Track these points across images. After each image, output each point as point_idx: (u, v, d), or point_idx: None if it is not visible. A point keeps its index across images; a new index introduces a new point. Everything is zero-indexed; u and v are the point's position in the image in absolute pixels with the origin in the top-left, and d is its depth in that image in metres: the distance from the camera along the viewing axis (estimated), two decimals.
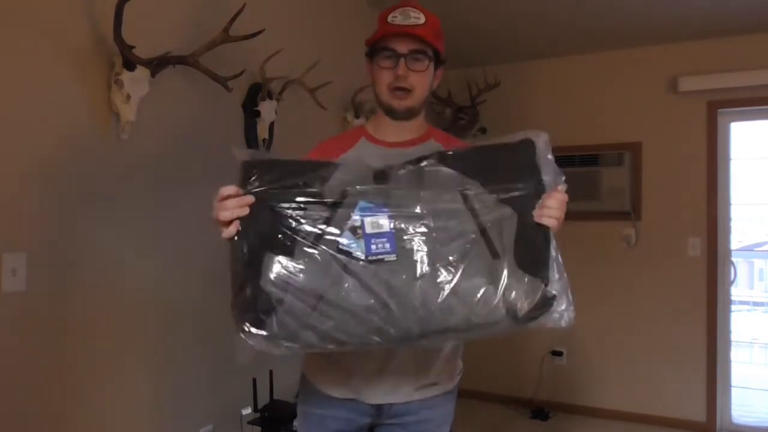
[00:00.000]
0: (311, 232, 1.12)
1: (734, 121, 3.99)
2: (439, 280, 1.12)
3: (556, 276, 1.24)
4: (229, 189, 1.16)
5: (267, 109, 2.76)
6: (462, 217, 1.15)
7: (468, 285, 1.12)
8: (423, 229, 1.13)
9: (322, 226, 1.12)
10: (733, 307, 4.07)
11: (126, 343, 2.20)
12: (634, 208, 4.12)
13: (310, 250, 1.11)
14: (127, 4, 1.93)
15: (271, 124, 2.80)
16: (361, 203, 1.13)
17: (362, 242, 1.11)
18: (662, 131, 4.10)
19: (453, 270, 1.12)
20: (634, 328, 4.14)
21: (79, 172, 2.04)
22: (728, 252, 3.99)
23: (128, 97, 2.08)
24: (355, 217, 1.12)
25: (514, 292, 1.16)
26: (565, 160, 4.22)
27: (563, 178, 1.25)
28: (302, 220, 1.13)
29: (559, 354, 4.37)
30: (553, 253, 1.25)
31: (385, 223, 1.13)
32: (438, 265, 1.12)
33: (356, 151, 1.46)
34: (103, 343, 2.12)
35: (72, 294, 2.02)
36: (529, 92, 4.51)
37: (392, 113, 1.44)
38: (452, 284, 1.12)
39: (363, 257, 1.11)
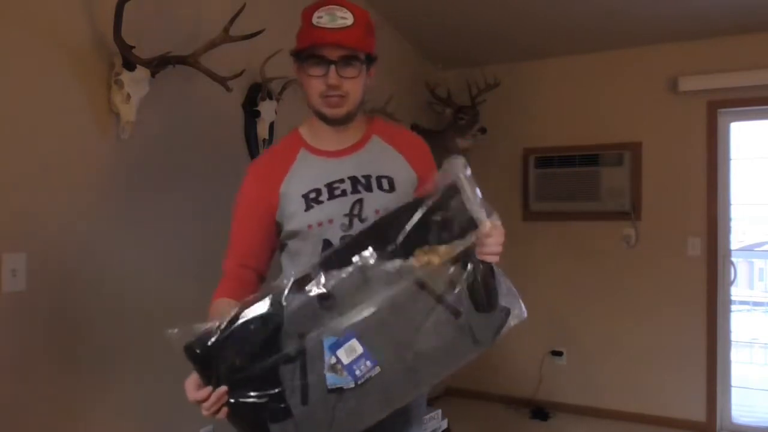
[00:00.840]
0: (295, 392, 1.15)
1: (734, 121, 3.99)
2: (421, 359, 1.18)
3: (505, 291, 1.29)
4: (199, 395, 1.17)
5: (267, 109, 2.76)
6: (418, 297, 1.18)
7: (443, 347, 1.20)
8: (390, 330, 1.17)
9: (300, 380, 1.15)
10: (733, 307, 4.07)
11: (126, 342, 2.20)
12: (634, 208, 4.12)
13: (303, 407, 1.15)
14: (127, 4, 1.93)
15: (271, 124, 2.81)
16: (326, 341, 1.15)
17: (345, 374, 1.15)
18: (662, 131, 4.10)
19: (428, 344, 1.18)
20: (634, 328, 4.14)
21: (79, 172, 2.04)
22: (728, 252, 3.99)
23: (128, 97, 2.08)
24: (329, 357, 1.15)
25: (481, 333, 1.23)
26: (565, 160, 4.22)
27: (493, 212, 1.28)
28: (281, 388, 1.15)
29: (559, 354, 4.37)
30: (500, 280, 1.27)
31: (357, 346, 1.15)
32: (412, 347, 1.17)
33: (298, 168, 1.39)
34: (103, 342, 2.12)
35: (72, 294, 2.02)
36: (529, 92, 4.50)
37: (327, 121, 1.38)
38: (429, 358, 1.19)
39: (353, 385, 1.15)
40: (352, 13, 1.32)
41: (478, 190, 1.25)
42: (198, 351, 1.17)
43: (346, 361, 1.14)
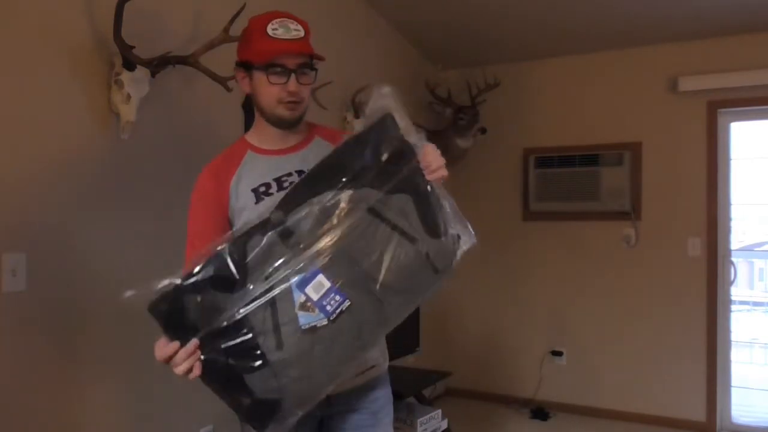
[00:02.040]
0: (268, 336, 1.15)
1: (734, 121, 3.99)
2: (387, 290, 1.19)
3: (450, 215, 1.27)
4: (167, 350, 1.19)
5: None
6: (375, 227, 1.20)
7: (406, 275, 1.21)
8: (353, 261, 1.18)
9: (272, 324, 1.15)
10: (733, 307, 4.07)
11: (126, 342, 2.20)
12: (634, 208, 4.12)
13: (279, 351, 1.15)
14: (127, 4, 1.93)
15: None
16: (293, 281, 1.15)
17: (317, 310, 1.15)
18: (662, 131, 4.10)
19: (392, 273, 1.19)
20: (634, 328, 4.14)
21: (79, 172, 2.04)
22: (728, 252, 3.99)
23: (128, 97, 2.08)
24: (298, 296, 1.15)
25: (440, 261, 1.24)
26: (565, 160, 4.23)
27: (422, 132, 1.28)
28: (253, 334, 1.15)
29: (559, 354, 4.37)
30: (444, 203, 1.27)
31: (324, 281, 1.16)
32: (378, 277, 1.18)
33: (246, 166, 1.47)
34: (103, 342, 2.12)
35: (72, 294, 2.02)
36: (529, 92, 4.51)
37: (282, 123, 1.46)
38: (394, 288, 1.20)
39: (326, 321, 1.15)
40: (300, 24, 1.44)
41: (406, 116, 1.26)
42: (163, 308, 1.19)
43: (315, 297, 1.14)
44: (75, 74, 2.01)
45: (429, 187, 1.23)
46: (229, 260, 1.16)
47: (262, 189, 1.45)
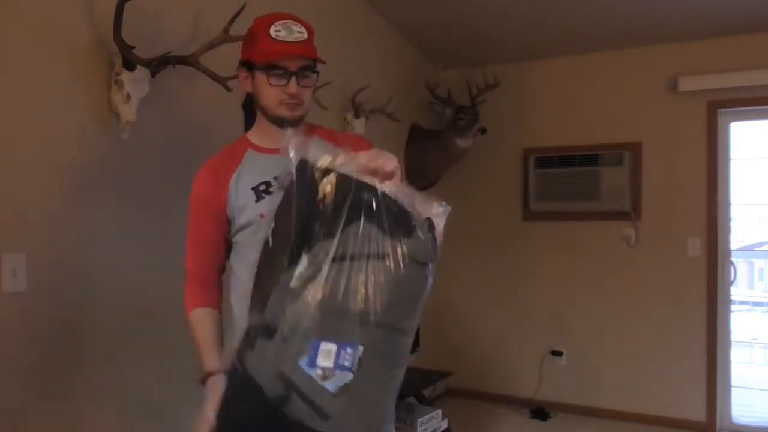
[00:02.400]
0: (312, 416, 1.15)
1: (734, 121, 3.99)
2: (384, 312, 1.18)
3: (410, 204, 1.23)
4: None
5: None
6: (343, 271, 1.17)
7: (393, 289, 1.19)
8: (342, 314, 1.17)
9: (309, 406, 1.15)
10: (733, 307, 4.07)
11: (126, 343, 2.20)
12: (634, 208, 4.12)
13: (327, 422, 1.16)
14: (127, 4, 1.93)
15: None
16: (301, 364, 1.15)
17: (338, 371, 1.14)
18: (662, 131, 4.10)
19: (380, 296, 1.18)
20: (634, 328, 4.14)
21: (79, 172, 2.04)
22: (728, 252, 3.99)
23: (128, 97, 2.08)
24: (314, 372, 1.14)
25: (421, 255, 1.21)
26: (565, 160, 4.23)
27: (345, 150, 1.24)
28: (299, 420, 1.16)
29: (559, 354, 4.37)
30: (398, 199, 1.21)
31: (327, 347, 1.15)
32: (370, 308, 1.17)
33: (246, 165, 1.50)
34: (104, 342, 2.12)
35: (72, 294, 2.02)
36: (529, 92, 4.51)
37: (282, 123, 1.47)
38: (392, 307, 1.20)
39: (353, 374, 1.15)
40: (304, 26, 1.44)
41: (314, 141, 1.22)
42: None
43: (330, 364, 1.14)
44: (75, 74, 2.01)
45: (378, 195, 1.18)
46: (240, 394, 1.19)
47: (262, 187, 1.46)
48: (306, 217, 1.18)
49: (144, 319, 2.26)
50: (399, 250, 1.19)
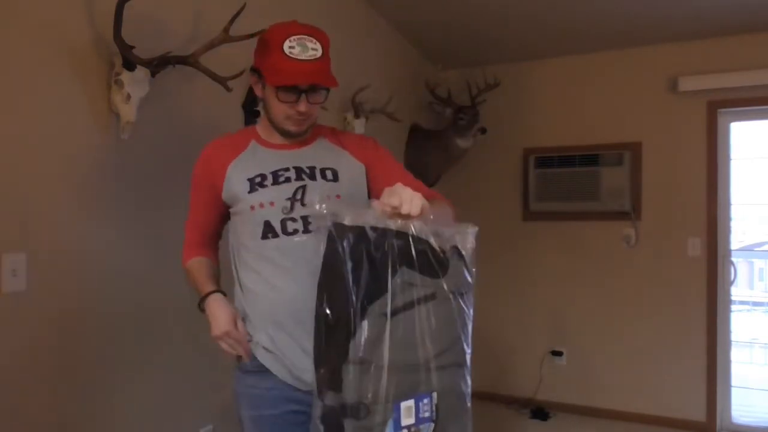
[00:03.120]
0: None
1: (734, 121, 3.99)
2: (447, 351, 1.24)
3: (438, 237, 1.26)
4: (231, 328, 1.45)
5: (261, 108, 2.76)
6: (401, 322, 1.21)
7: (449, 327, 1.26)
8: (413, 367, 1.21)
9: None
10: (733, 307, 4.07)
11: (126, 343, 2.20)
12: (634, 208, 4.12)
13: None
14: (127, 4, 1.93)
15: None
16: (389, 429, 1.18)
17: (422, 426, 1.19)
18: (662, 131, 4.10)
19: (438, 337, 1.23)
20: (634, 329, 4.14)
21: (79, 172, 2.04)
22: (728, 252, 3.99)
23: (128, 97, 2.07)
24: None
25: (456, 285, 1.25)
26: (565, 160, 4.23)
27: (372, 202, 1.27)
28: None
29: (559, 354, 4.37)
30: (427, 237, 1.24)
31: (407, 404, 1.19)
32: (433, 353, 1.22)
33: (247, 155, 1.52)
34: (104, 342, 2.12)
35: (72, 294, 2.01)
36: (529, 92, 4.51)
37: (287, 135, 1.51)
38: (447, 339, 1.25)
39: (434, 423, 1.20)
40: (320, 42, 1.42)
41: (346, 208, 1.25)
42: None
43: (413, 420, 1.18)
44: (75, 74, 2.01)
45: (410, 240, 1.20)
46: None
47: (258, 180, 1.48)
48: (357, 282, 1.18)
49: (144, 318, 2.26)
50: (443, 286, 1.22)
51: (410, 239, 1.19)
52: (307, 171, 1.48)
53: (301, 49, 1.39)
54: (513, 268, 4.53)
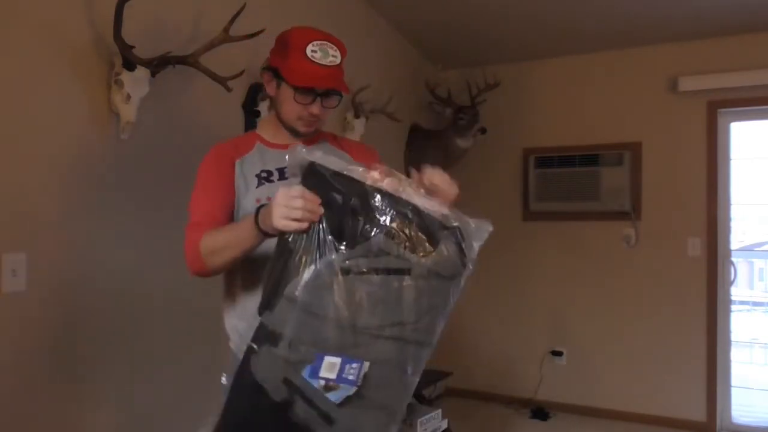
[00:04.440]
0: (318, 420, 1.17)
1: (734, 121, 3.99)
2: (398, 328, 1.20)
3: (441, 216, 1.24)
4: (307, 195, 1.18)
5: (267, 109, 2.76)
6: (354, 284, 1.18)
7: (421, 310, 1.23)
8: (350, 328, 1.17)
9: (314, 411, 1.17)
10: (733, 307, 4.07)
11: (125, 343, 2.20)
12: (634, 208, 4.12)
13: (333, 426, 1.17)
14: (127, 4, 1.93)
15: None
16: (304, 374, 1.16)
17: (341, 385, 1.15)
18: (662, 131, 4.10)
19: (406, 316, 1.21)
20: (634, 328, 4.14)
21: (79, 172, 2.04)
22: (728, 252, 3.99)
23: (128, 97, 2.08)
24: (317, 383, 1.15)
25: (443, 267, 1.23)
26: (565, 160, 4.22)
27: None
28: (306, 424, 1.18)
29: (559, 354, 4.37)
30: (423, 207, 1.23)
31: (332, 359, 1.16)
32: (372, 324, 1.18)
33: (254, 155, 1.53)
34: (104, 342, 2.12)
35: (72, 294, 2.02)
36: (529, 92, 4.51)
37: (298, 135, 1.52)
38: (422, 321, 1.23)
39: (356, 387, 1.15)
40: (339, 50, 1.48)
41: (334, 159, 1.22)
42: None
43: (333, 376, 1.14)
44: (75, 74, 2.01)
45: (408, 210, 1.17)
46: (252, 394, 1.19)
47: (264, 175, 1.50)
48: (336, 223, 1.16)
49: (144, 318, 2.26)
50: (421, 264, 1.18)
51: (408, 210, 1.18)
52: None
53: (322, 54, 1.44)
54: (513, 268, 4.53)
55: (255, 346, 1.19)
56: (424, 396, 3.59)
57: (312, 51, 1.43)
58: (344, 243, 1.16)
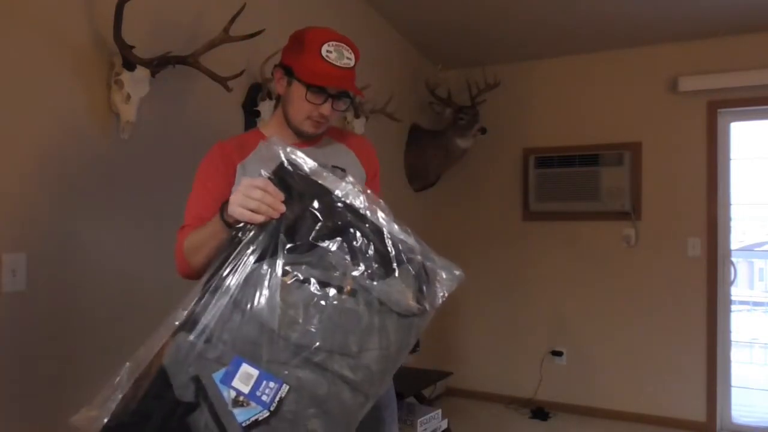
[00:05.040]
0: None
1: (734, 121, 3.99)
2: (330, 356, 1.08)
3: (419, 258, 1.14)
4: (267, 186, 1.14)
5: (267, 109, 2.76)
6: (291, 290, 1.09)
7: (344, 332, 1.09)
8: (278, 339, 1.06)
9: (218, 428, 1.03)
10: (733, 307, 4.07)
11: (125, 343, 2.20)
12: (634, 208, 4.12)
13: None
14: (127, 4, 1.93)
15: None
16: (215, 376, 1.04)
17: (253, 403, 1.03)
18: (662, 131, 4.10)
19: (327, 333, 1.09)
20: (634, 329, 4.14)
21: (79, 172, 2.04)
22: (728, 252, 3.99)
23: (128, 97, 2.08)
24: (226, 393, 1.03)
25: (394, 302, 1.10)
26: (565, 160, 4.22)
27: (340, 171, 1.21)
28: None
29: (559, 354, 4.37)
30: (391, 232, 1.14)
31: (250, 369, 1.04)
32: (311, 344, 1.07)
33: (257, 155, 1.45)
34: (104, 342, 2.12)
35: (72, 294, 2.02)
36: (529, 92, 4.51)
37: (303, 136, 1.51)
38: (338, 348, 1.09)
39: (268, 413, 1.03)
40: (354, 54, 1.46)
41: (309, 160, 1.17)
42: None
43: (246, 390, 1.02)
44: (75, 74, 2.01)
45: (367, 231, 1.09)
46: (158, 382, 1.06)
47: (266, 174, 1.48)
48: (292, 224, 1.10)
49: (144, 319, 2.26)
50: (367, 288, 1.07)
51: (367, 231, 1.10)
52: None
53: (337, 55, 1.42)
54: (513, 268, 4.53)
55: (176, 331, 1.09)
56: (424, 396, 3.59)
57: (327, 51, 1.42)
58: (296, 245, 1.08)
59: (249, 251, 1.08)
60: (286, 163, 1.15)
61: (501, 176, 4.58)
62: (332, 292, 1.07)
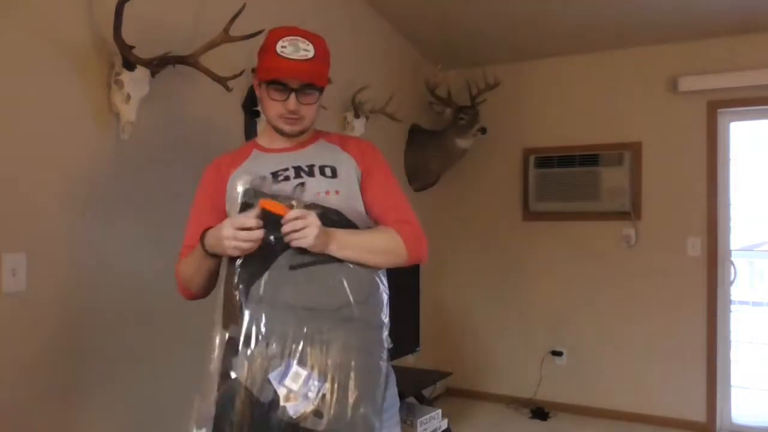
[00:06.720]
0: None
1: (734, 121, 3.99)
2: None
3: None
4: (250, 222, 1.32)
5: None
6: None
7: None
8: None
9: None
10: (733, 307, 4.07)
11: (125, 343, 2.20)
12: (634, 208, 4.12)
13: None
14: (127, 4, 1.93)
15: None
16: (272, 375, 1.28)
17: (300, 399, 1.27)
18: (662, 131, 4.10)
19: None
20: (634, 328, 4.14)
21: (79, 172, 2.04)
22: (728, 252, 3.99)
23: (128, 97, 2.08)
24: (281, 390, 1.27)
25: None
26: (565, 160, 4.23)
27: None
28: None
29: (559, 354, 4.37)
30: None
31: (299, 370, 1.26)
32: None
33: (249, 163, 1.55)
34: (104, 342, 2.12)
35: (72, 294, 2.02)
36: (529, 92, 4.51)
37: (284, 134, 1.52)
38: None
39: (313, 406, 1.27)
40: (313, 45, 1.45)
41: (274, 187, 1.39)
42: None
43: (296, 388, 1.24)
44: (75, 74, 2.01)
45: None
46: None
47: (257, 182, 1.49)
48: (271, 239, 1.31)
49: (144, 319, 2.26)
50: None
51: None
52: (306, 169, 1.51)
53: (293, 48, 1.43)
54: (513, 268, 4.53)
55: (231, 352, 1.30)
56: (424, 396, 3.59)
57: (282, 47, 1.43)
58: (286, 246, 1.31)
59: (258, 268, 1.33)
60: (250, 189, 1.36)
61: (501, 176, 4.58)
62: (324, 264, 1.35)
